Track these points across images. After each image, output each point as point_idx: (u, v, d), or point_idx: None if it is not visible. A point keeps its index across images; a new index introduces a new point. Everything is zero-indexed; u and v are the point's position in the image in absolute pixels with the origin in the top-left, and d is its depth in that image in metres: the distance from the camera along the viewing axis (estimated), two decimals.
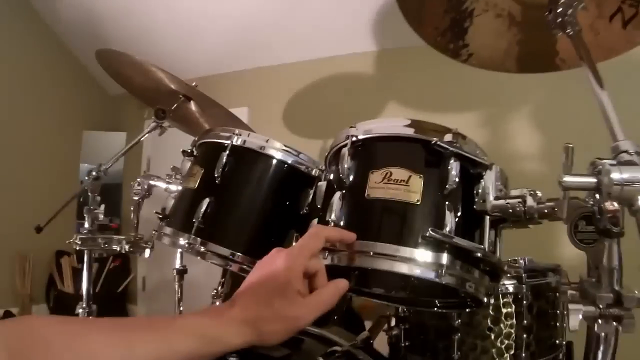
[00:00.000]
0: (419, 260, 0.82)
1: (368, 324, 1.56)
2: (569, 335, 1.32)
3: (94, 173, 1.78)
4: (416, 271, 0.83)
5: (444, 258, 0.81)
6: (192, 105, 1.92)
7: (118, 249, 1.74)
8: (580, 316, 0.73)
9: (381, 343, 1.36)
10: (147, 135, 4.11)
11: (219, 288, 1.79)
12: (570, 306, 0.73)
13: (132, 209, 1.77)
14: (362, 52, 3.36)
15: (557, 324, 1.28)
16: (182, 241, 1.20)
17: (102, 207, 1.79)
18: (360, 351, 1.11)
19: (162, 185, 1.66)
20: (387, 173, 0.87)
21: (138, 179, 1.72)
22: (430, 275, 0.82)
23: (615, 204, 0.69)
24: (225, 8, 3.48)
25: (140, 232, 1.79)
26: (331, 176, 1.01)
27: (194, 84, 1.84)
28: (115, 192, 4.71)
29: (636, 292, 0.71)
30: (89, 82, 4.87)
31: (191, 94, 1.85)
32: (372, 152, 0.94)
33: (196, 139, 1.41)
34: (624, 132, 0.80)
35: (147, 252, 1.76)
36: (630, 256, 0.78)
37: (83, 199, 4.45)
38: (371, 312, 1.92)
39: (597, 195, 0.70)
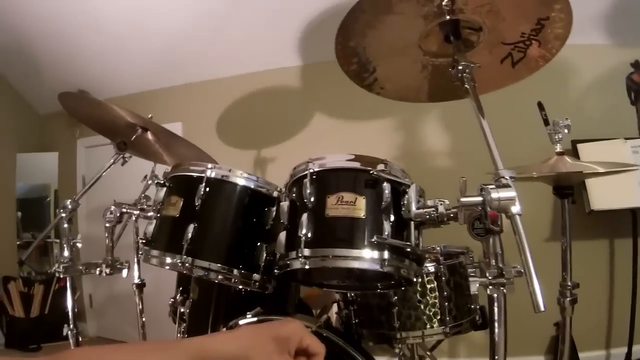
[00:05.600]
0: (367, 258, 1.16)
1: None
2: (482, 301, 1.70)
3: (69, 205, 1.93)
4: (365, 265, 1.17)
5: (385, 254, 1.16)
6: (149, 135, 2.13)
7: (99, 273, 1.92)
8: (477, 284, 1.09)
9: None
10: (79, 155, 4.21)
11: (177, 297, 1.99)
12: (470, 279, 1.09)
13: (106, 234, 1.95)
14: (288, 67, 3.65)
15: (470, 293, 1.65)
16: (170, 260, 1.46)
17: (79, 236, 1.94)
18: (325, 330, 1.43)
19: (135, 212, 1.88)
20: (339, 197, 1.20)
21: (111, 207, 1.91)
22: (377, 267, 1.16)
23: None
24: (152, 26, 3.61)
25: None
26: (293, 197, 1.33)
27: (149, 116, 2.03)
28: (39, 207, 4.79)
29: (517, 266, 1.08)
30: (19, 103, 4.84)
31: (147, 125, 2.06)
32: (326, 181, 1.27)
33: (168, 171, 1.67)
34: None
35: (125, 272, 1.97)
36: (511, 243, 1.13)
37: (22, 219, 4.49)
38: (315, 300, 2.26)
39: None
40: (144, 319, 2.33)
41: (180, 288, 2.01)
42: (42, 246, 4.65)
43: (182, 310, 1.92)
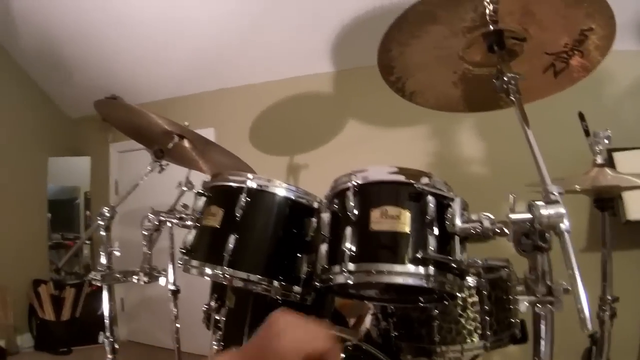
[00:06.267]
0: (412, 273, 1.15)
1: None
2: (521, 315, 1.68)
3: (106, 213, 1.94)
4: (409, 281, 1.16)
5: (431, 270, 1.14)
6: (186, 143, 2.14)
7: (136, 281, 1.93)
8: (526, 303, 1.08)
9: None
10: (112, 159, 4.26)
11: (211, 303, 1.98)
12: (519, 297, 1.07)
13: (144, 242, 1.97)
14: (321, 73, 3.65)
15: (511, 307, 1.63)
16: (210, 271, 1.46)
17: (117, 244, 1.95)
18: (365, 343, 1.43)
19: (173, 220, 1.89)
20: (383, 210, 1.19)
21: (149, 215, 1.93)
22: (422, 283, 1.15)
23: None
24: (185, 32, 3.66)
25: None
26: (335, 209, 1.33)
27: (186, 123, 2.05)
28: (69, 209, 4.86)
29: (564, 283, 1.06)
30: (50, 107, 4.92)
31: (184, 133, 2.07)
32: (370, 194, 1.26)
33: (207, 181, 1.68)
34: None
35: (162, 280, 1.98)
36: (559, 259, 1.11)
37: (52, 220, 4.56)
38: (349, 309, 2.25)
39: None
40: (178, 325, 2.35)
41: (215, 295, 2.01)
42: (71, 247, 4.76)
43: (217, 317, 1.93)
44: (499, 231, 1.16)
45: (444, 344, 1.54)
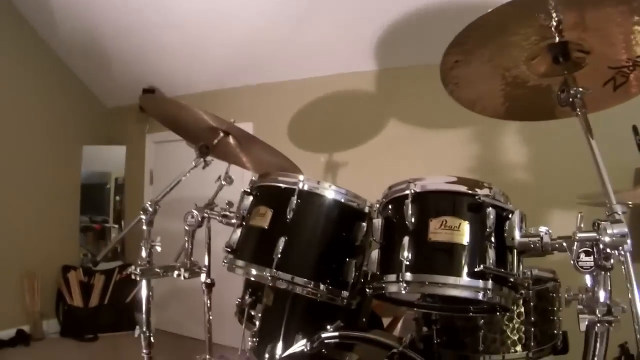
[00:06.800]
0: (470, 286, 1.15)
1: None
2: (563, 326, 1.67)
3: (150, 208, 1.94)
4: (465, 293, 1.16)
5: (489, 284, 1.14)
6: (231, 139, 2.15)
7: (177, 276, 1.96)
8: (587, 322, 1.07)
9: None
10: (148, 150, 4.26)
11: (246, 297, 1.99)
12: (580, 316, 1.06)
13: (186, 238, 1.98)
14: (363, 71, 3.61)
15: (555, 318, 1.62)
16: (257, 272, 1.47)
17: (158, 238, 1.92)
18: (409, 350, 1.43)
19: (217, 218, 1.90)
20: (443, 221, 1.19)
21: (193, 212, 1.94)
22: (479, 296, 1.14)
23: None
24: (229, 26, 3.64)
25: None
26: (389, 215, 1.33)
27: (232, 120, 2.04)
28: (99, 193, 4.91)
29: (620, 302, 1.06)
30: (86, 96, 4.97)
31: (230, 129, 2.08)
32: (429, 203, 1.26)
33: (255, 180, 1.69)
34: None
35: (203, 276, 2.02)
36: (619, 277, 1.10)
37: (84, 204, 4.60)
38: (383, 308, 2.25)
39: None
40: (210, 317, 2.36)
41: (249, 290, 2.02)
42: (99, 230, 4.84)
43: (252, 313, 1.93)
44: (558, 246, 1.15)
45: (487, 354, 1.53)
